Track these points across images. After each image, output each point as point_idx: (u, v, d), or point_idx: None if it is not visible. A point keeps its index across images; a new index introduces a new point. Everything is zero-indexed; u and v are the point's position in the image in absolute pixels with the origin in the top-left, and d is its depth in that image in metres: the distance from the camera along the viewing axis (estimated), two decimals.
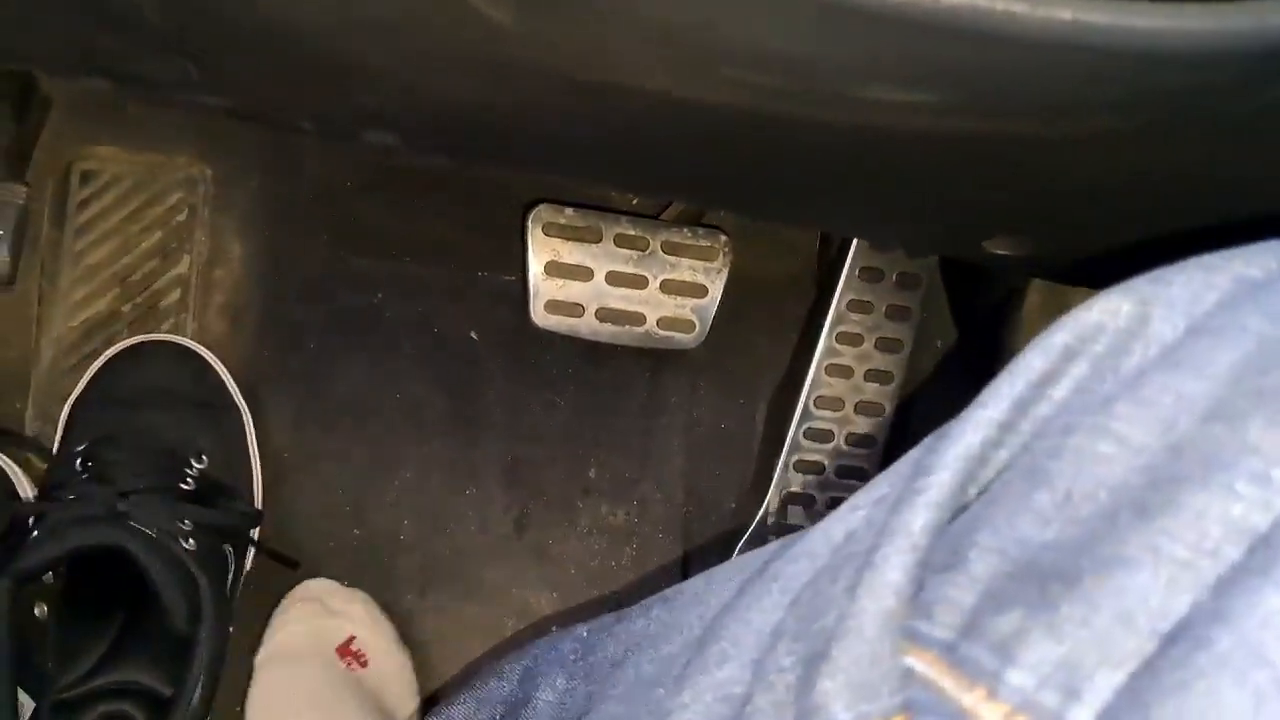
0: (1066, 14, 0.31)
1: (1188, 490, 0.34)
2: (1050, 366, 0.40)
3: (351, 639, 0.92)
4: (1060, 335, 0.40)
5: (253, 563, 0.93)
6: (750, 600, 0.46)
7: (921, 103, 0.40)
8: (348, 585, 0.97)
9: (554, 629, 1.02)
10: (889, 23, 0.32)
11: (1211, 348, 0.36)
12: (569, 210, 0.98)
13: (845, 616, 0.39)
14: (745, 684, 0.43)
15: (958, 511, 0.41)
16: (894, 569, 0.39)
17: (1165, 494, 0.34)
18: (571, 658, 0.62)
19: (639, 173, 0.67)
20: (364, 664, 0.92)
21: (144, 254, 1.00)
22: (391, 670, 0.94)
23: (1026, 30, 0.32)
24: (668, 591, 0.57)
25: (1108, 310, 0.39)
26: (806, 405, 1.03)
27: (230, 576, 0.87)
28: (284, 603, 0.93)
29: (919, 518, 0.39)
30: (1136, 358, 0.38)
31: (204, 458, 0.89)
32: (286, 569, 0.94)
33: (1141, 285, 0.39)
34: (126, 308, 0.99)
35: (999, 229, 0.62)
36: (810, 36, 0.35)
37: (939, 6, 0.31)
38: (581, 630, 0.63)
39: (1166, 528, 0.33)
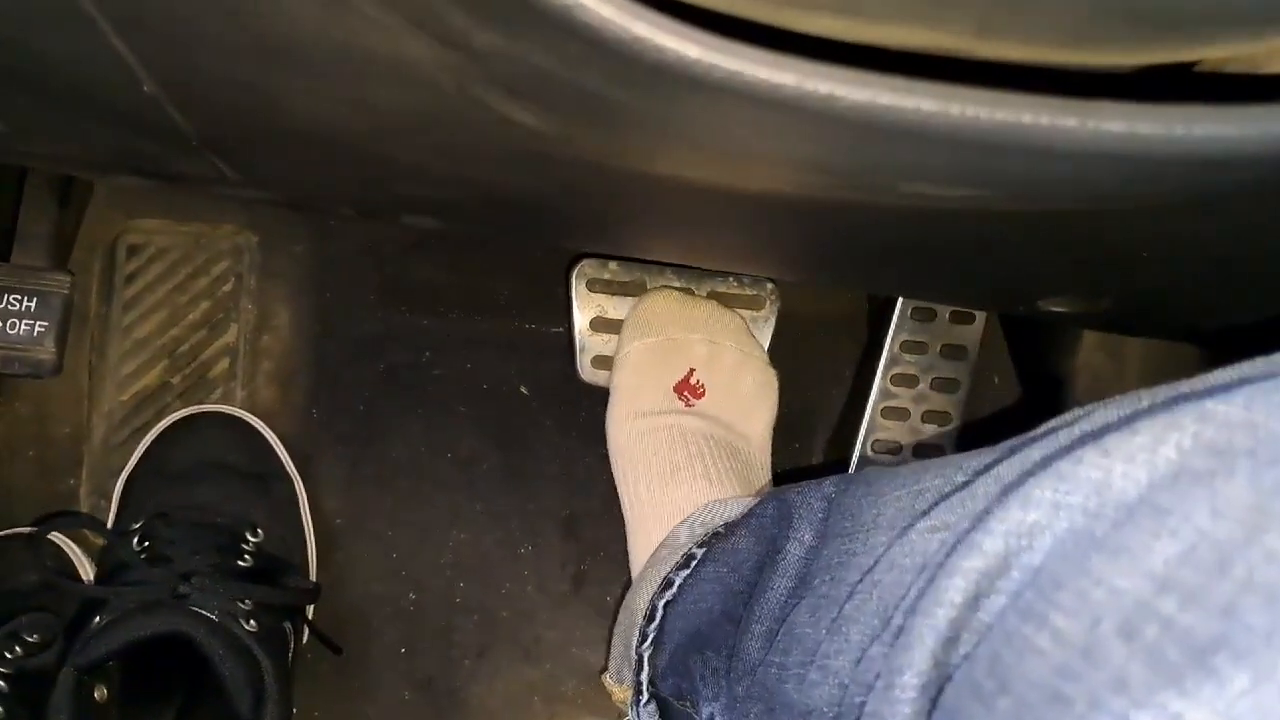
0: (1118, 126, 0.30)
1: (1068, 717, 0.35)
2: (1034, 517, 0.41)
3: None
4: (1045, 491, 0.41)
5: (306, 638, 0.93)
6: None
7: (968, 195, 0.39)
8: (402, 651, 0.97)
9: None
10: (935, 139, 0.31)
11: (1154, 535, 0.36)
12: (613, 265, 0.97)
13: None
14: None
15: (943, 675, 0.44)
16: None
17: (1055, 713, 0.35)
18: (820, 515, 0.64)
19: (683, 246, 0.66)
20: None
21: (192, 325, 1.00)
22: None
23: (1073, 143, 0.30)
24: (886, 482, 0.59)
25: (1092, 464, 0.40)
26: (864, 450, 1.01)
27: (290, 654, 0.86)
28: None
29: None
30: (1102, 524, 0.38)
31: (259, 531, 0.88)
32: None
33: (1110, 439, 0.40)
34: (176, 379, 1.00)
35: (1052, 290, 0.60)
36: (854, 150, 0.34)
37: (984, 123, 0.30)
38: (829, 488, 0.65)
39: None
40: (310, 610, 0.92)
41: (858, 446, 1.01)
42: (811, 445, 1.08)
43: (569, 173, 0.50)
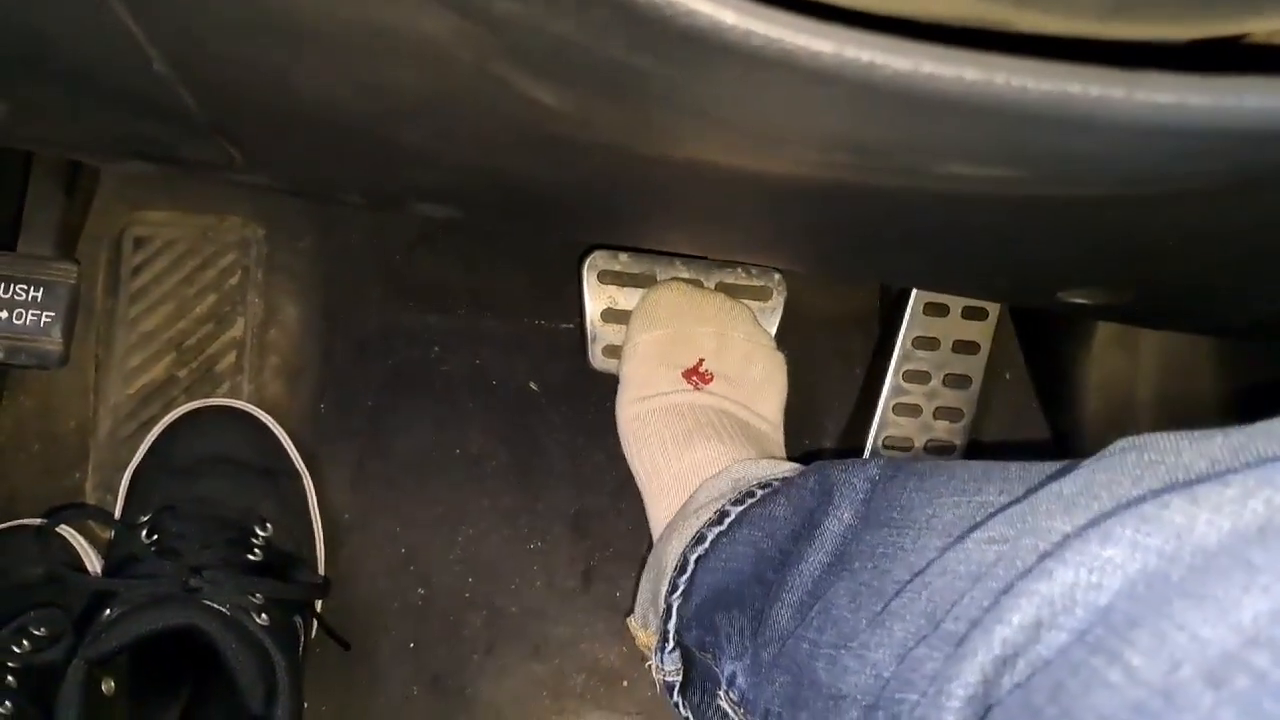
0: (1167, 97, 0.29)
1: None
2: (1111, 553, 0.40)
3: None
4: (1126, 530, 0.40)
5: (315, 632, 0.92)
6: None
7: (1003, 177, 0.38)
8: (410, 646, 0.97)
9: (624, 683, 1.00)
10: (978, 111, 0.30)
11: (1244, 589, 0.35)
12: (623, 256, 0.96)
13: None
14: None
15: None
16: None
17: None
18: (862, 496, 0.64)
19: (701, 237, 0.65)
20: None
21: (198, 318, 0.99)
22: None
23: (1121, 115, 0.29)
24: (937, 480, 0.59)
25: (1178, 509, 0.39)
26: (875, 446, 1.00)
27: (300, 649, 0.86)
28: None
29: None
30: (1179, 569, 0.38)
31: (268, 525, 0.88)
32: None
33: (1200, 489, 0.39)
34: (182, 373, 0.99)
35: (1074, 281, 0.59)
36: (891, 125, 0.33)
37: (1030, 94, 0.29)
38: (874, 469, 0.65)
39: None
40: (319, 605, 0.92)
41: (869, 443, 1.01)
42: (822, 442, 1.07)
43: (587, 158, 0.49)
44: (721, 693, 0.70)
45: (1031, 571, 0.43)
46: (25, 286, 0.86)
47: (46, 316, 0.86)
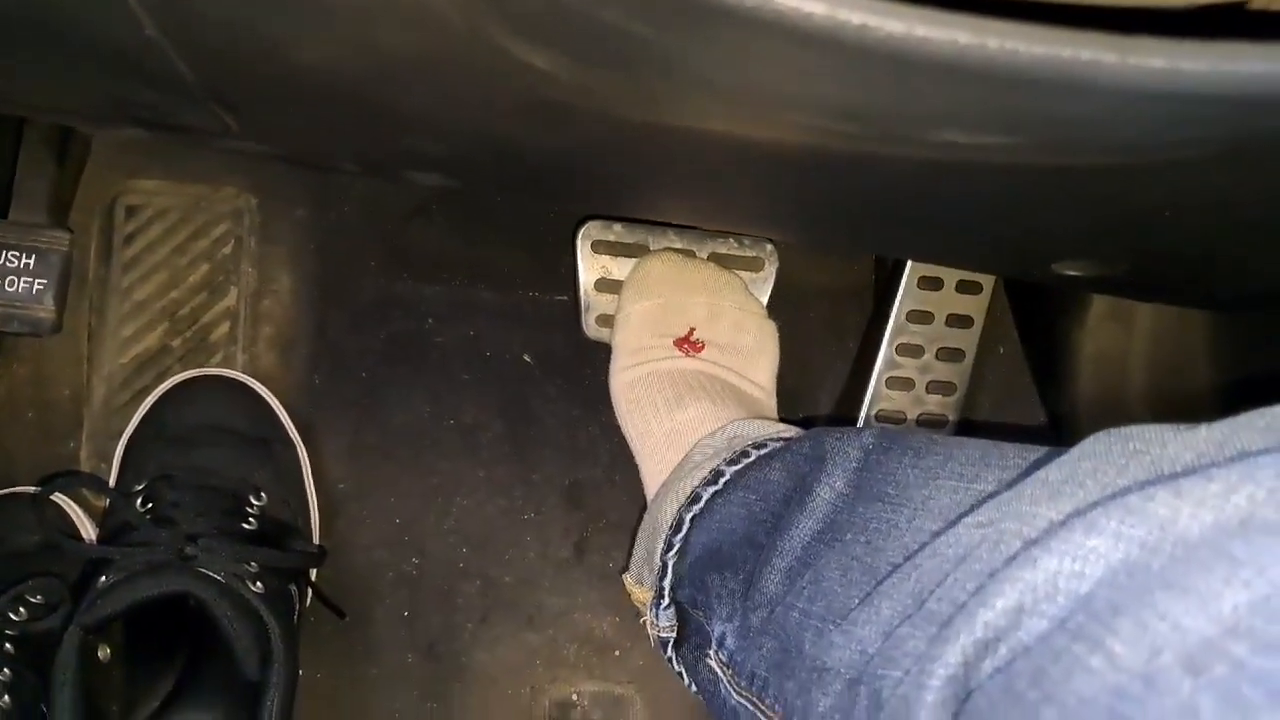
0: (1159, 62, 0.29)
1: None
2: (1095, 543, 0.41)
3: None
4: (1111, 521, 0.41)
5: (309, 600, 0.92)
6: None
7: (996, 144, 0.38)
8: (405, 615, 0.97)
9: (616, 653, 1.01)
10: (971, 75, 0.30)
11: (1225, 581, 0.36)
12: (617, 226, 0.96)
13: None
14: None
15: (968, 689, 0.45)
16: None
17: None
18: (855, 465, 0.65)
19: (696, 207, 0.65)
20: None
21: (191, 287, 0.99)
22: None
23: (1114, 80, 0.29)
24: (935, 458, 0.59)
25: (1163, 502, 0.40)
26: (867, 419, 1.00)
27: (296, 617, 0.86)
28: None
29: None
30: (1160, 559, 0.39)
31: (263, 495, 0.88)
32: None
33: (1185, 483, 0.40)
34: (176, 342, 0.99)
35: (1067, 252, 0.59)
36: (884, 90, 0.33)
37: (1022, 57, 0.29)
38: (868, 439, 0.66)
39: None
40: (314, 574, 0.92)
41: (861, 416, 1.01)
42: (815, 415, 1.07)
43: (583, 124, 0.48)
44: (711, 652, 0.71)
45: (1016, 558, 0.44)
46: (17, 254, 0.85)
47: (39, 284, 0.86)
